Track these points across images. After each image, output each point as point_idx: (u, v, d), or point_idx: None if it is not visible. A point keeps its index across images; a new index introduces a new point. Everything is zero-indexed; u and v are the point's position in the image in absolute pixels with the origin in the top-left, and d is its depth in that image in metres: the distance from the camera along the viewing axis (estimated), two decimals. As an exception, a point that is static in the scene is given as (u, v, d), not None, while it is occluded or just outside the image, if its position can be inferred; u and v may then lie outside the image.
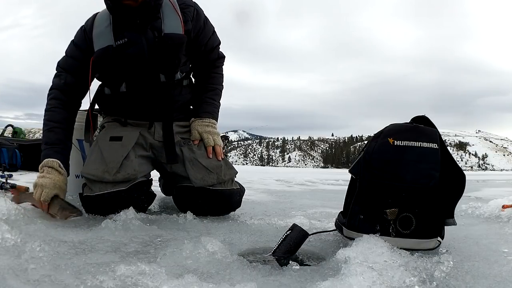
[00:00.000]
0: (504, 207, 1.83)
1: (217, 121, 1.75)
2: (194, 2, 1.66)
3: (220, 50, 1.81)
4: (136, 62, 1.53)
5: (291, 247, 1.01)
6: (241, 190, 1.71)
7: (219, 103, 1.81)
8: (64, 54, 1.64)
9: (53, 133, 1.55)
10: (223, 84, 1.83)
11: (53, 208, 1.44)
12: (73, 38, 1.62)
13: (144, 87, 1.59)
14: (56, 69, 1.63)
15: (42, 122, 1.60)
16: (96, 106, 1.80)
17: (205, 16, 1.68)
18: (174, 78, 1.62)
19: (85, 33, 1.58)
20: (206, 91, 1.77)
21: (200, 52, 1.71)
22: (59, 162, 1.50)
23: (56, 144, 1.54)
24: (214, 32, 1.73)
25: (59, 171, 1.50)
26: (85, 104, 1.72)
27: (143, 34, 1.51)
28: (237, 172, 1.72)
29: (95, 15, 1.61)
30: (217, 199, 1.61)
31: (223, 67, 1.84)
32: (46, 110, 1.60)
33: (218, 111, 1.79)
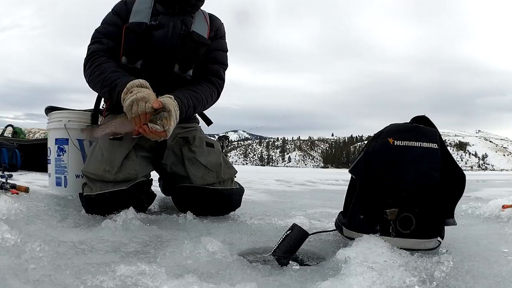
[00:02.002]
0: (504, 207, 1.83)
1: (183, 116, 1.48)
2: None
3: (223, 74, 1.72)
4: (158, 44, 1.58)
5: (291, 247, 1.01)
6: (240, 190, 1.72)
7: (195, 105, 1.56)
8: (101, 24, 1.63)
9: (116, 73, 1.46)
10: (208, 100, 1.64)
11: (158, 118, 1.30)
12: (111, 9, 1.65)
13: (157, 71, 1.60)
14: (94, 37, 1.61)
15: (93, 81, 1.51)
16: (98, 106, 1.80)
17: (225, 36, 1.77)
18: (186, 73, 1.63)
19: (126, 4, 1.64)
20: (186, 89, 1.57)
21: (203, 56, 1.68)
22: (145, 81, 1.39)
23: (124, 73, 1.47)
24: (226, 52, 1.76)
25: (149, 88, 1.38)
26: (87, 104, 1.72)
27: (173, 21, 1.60)
28: (237, 172, 1.73)
29: None
30: (216, 199, 1.61)
31: (217, 92, 1.70)
32: (95, 67, 1.51)
33: (189, 109, 1.52)
